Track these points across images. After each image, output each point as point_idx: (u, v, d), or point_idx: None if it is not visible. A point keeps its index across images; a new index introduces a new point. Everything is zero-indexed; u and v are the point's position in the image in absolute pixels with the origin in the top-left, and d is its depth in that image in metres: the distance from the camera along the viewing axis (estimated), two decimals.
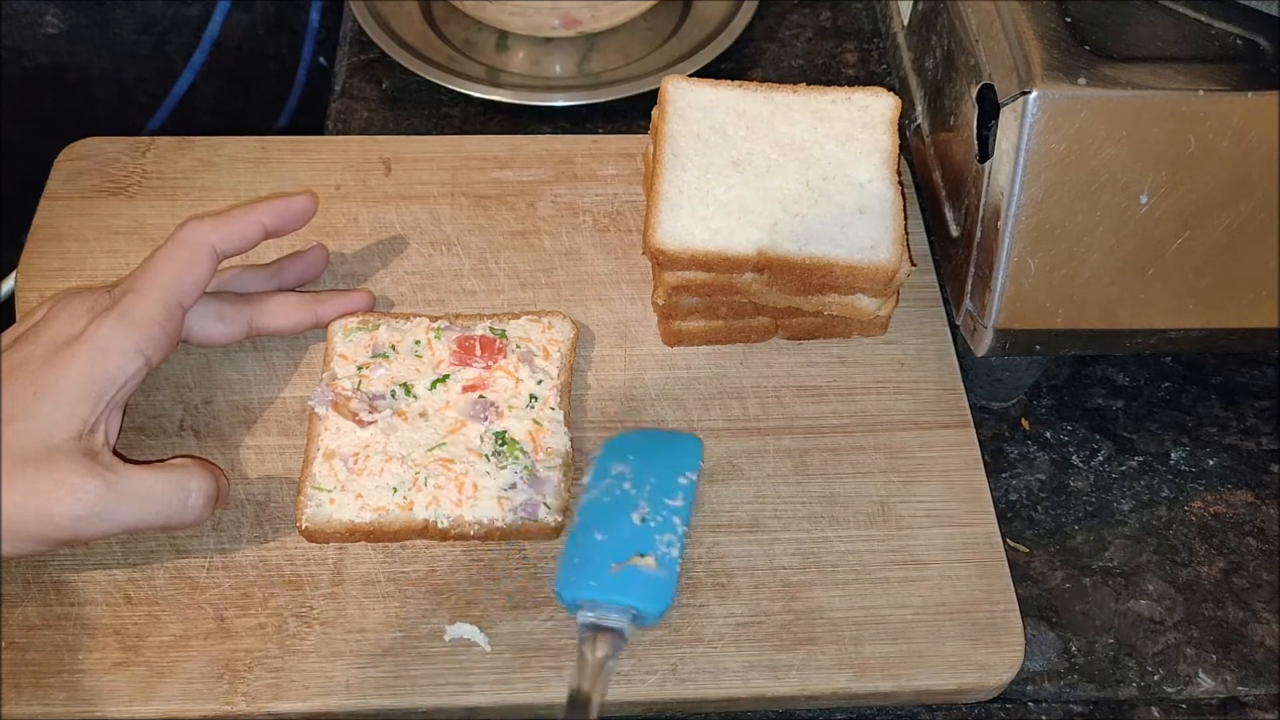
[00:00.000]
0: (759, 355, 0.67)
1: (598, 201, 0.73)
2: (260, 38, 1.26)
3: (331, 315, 0.65)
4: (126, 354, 0.55)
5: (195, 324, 0.61)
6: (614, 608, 0.55)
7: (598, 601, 0.55)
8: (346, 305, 0.66)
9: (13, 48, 1.19)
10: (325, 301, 0.66)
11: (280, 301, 0.65)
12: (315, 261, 0.68)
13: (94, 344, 0.55)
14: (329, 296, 0.66)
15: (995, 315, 0.61)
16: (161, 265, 0.58)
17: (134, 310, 0.56)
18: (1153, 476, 0.68)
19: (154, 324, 0.57)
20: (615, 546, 0.57)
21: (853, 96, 0.68)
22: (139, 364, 0.56)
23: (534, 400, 0.62)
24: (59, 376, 0.54)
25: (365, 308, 0.66)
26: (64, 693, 0.54)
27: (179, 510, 0.55)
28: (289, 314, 0.64)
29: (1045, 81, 0.55)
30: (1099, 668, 0.61)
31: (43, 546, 0.53)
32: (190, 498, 0.55)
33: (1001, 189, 0.58)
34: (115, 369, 0.55)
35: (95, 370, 0.54)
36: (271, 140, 0.75)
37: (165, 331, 0.57)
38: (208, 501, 0.56)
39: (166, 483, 0.55)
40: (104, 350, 0.55)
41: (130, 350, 0.55)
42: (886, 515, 0.62)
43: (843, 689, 0.56)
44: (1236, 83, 0.56)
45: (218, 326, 0.62)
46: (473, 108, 0.84)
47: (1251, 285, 0.61)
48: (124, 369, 0.55)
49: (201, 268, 0.59)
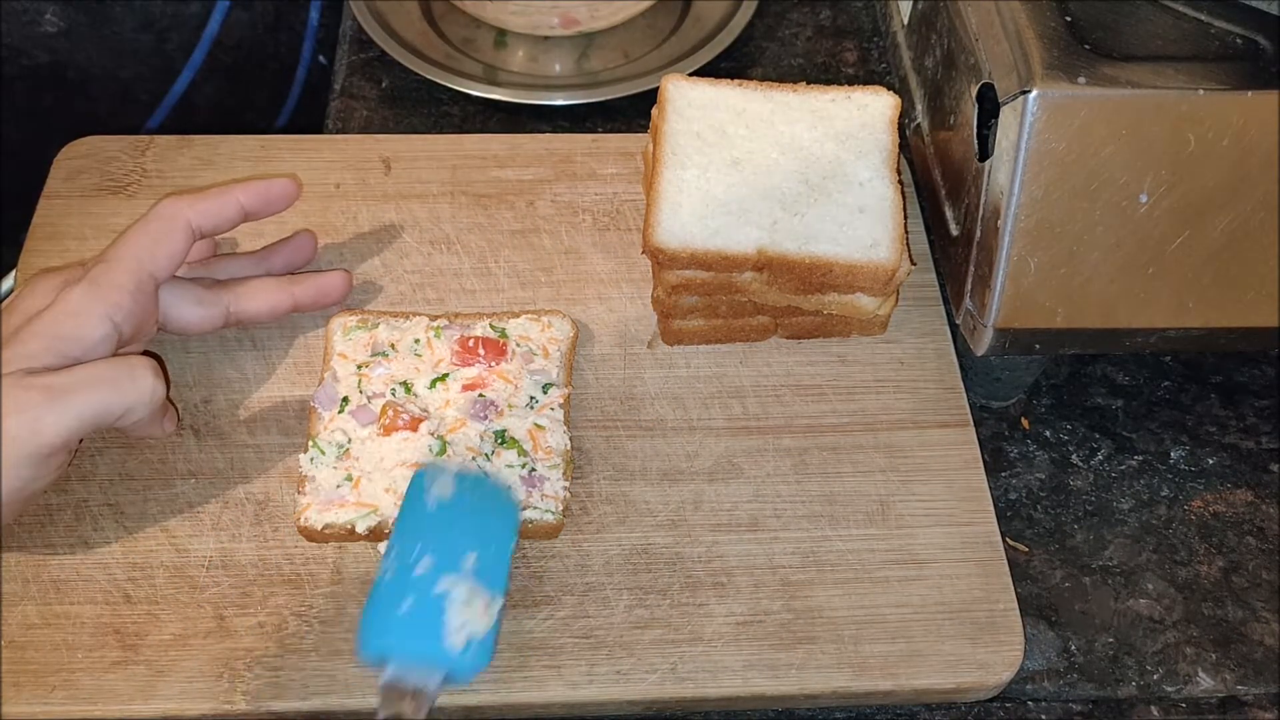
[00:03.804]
0: (759, 354, 0.67)
1: (597, 200, 0.73)
2: (260, 36, 1.25)
3: (308, 296, 0.65)
4: (93, 317, 0.55)
5: (172, 308, 0.61)
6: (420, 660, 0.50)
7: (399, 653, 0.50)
8: (322, 285, 0.65)
9: (12, 46, 1.19)
10: (301, 282, 0.65)
11: (256, 285, 0.64)
12: (301, 246, 0.68)
13: (62, 308, 0.55)
14: (305, 277, 0.66)
15: (995, 314, 0.61)
16: (134, 238, 0.59)
17: (103, 278, 0.57)
18: (1152, 475, 0.68)
19: (122, 290, 0.57)
20: None
21: (852, 95, 0.68)
22: (106, 329, 0.56)
23: (534, 400, 0.62)
24: (30, 336, 0.54)
25: (343, 287, 0.66)
26: (63, 692, 0.54)
27: (128, 383, 0.55)
28: (265, 296, 0.64)
29: (1045, 81, 0.55)
30: (1098, 667, 0.61)
31: (29, 469, 0.53)
32: (135, 371, 0.55)
33: (1001, 188, 0.58)
34: (81, 329, 0.55)
35: (60, 329, 0.55)
36: (271, 139, 0.75)
37: (135, 300, 0.57)
38: (155, 377, 0.56)
39: (108, 364, 0.55)
40: (71, 314, 0.55)
41: (97, 314, 0.56)
42: (886, 514, 0.62)
43: (842, 688, 0.56)
44: (1236, 82, 0.56)
45: (195, 310, 0.62)
46: (472, 106, 0.84)
47: (1251, 284, 0.61)
48: (89, 331, 0.55)
49: (175, 242, 0.59)
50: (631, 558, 0.60)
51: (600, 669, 0.56)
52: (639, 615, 0.58)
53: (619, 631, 0.57)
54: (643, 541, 0.60)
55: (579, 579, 0.59)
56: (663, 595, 0.58)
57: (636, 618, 0.58)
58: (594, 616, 0.58)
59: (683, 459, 0.63)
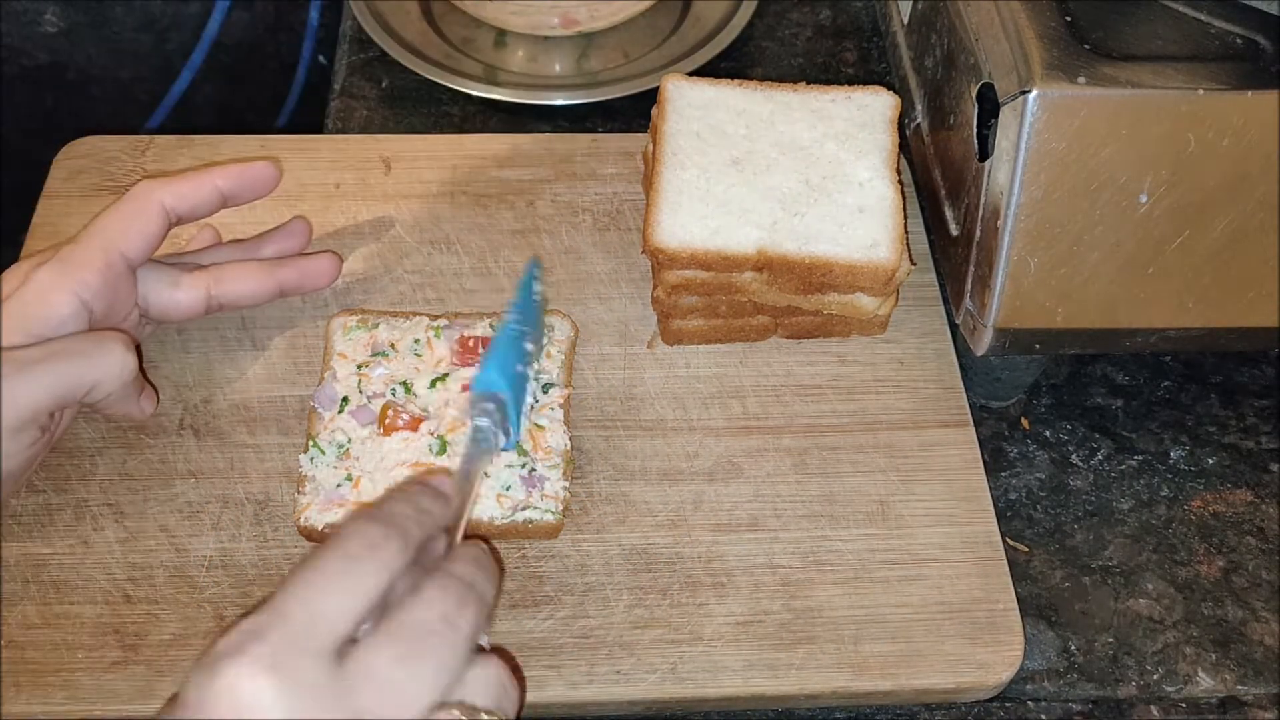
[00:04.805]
0: (759, 354, 0.67)
1: (597, 200, 0.73)
2: (260, 36, 1.26)
3: (293, 279, 0.64)
4: (60, 293, 0.55)
5: (152, 291, 0.61)
6: None
7: None
8: (308, 268, 0.65)
9: (12, 46, 1.19)
10: (287, 266, 0.64)
11: (240, 268, 0.63)
12: (293, 232, 0.67)
13: (29, 286, 0.55)
14: (290, 260, 0.65)
15: (995, 314, 0.61)
16: (106, 218, 0.59)
17: (71, 256, 0.57)
18: (1152, 475, 0.68)
19: (90, 268, 0.56)
20: None
21: (852, 95, 0.68)
22: (74, 306, 0.56)
23: (534, 400, 0.62)
24: None
25: (330, 271, 0.66)
26: (63, 691, 0.54)
27: (96, 355, 0.54)
28: (248, 279, 0.63)
29: (1045, 80, 0.55)
30: (1098, 667, 0.61)
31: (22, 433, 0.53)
32: (104, 344, 0.55)
33: (1001, 188, 0.58)
34: (48, 306, 0.55)
35: (27, 308, 0.55)
36: (271, 139, 0.75)
37: (104, 278, 0.57)
38: (124, 349, 0.55)
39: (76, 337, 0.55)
40: (38, 292, 0.55)
41: (65, 291, 0.56)
42: (886, 514, 0.62)
43: (842, 688, 0.56)
44: (1236, 82, 0.56)
45: (174, 293, 0.61)
46: (472, 106, 0.84)
47: (1251, 284, 0.61)
48: (57, 308, 0.55)
49: (148, 222, 0.59)
50: (631, 558, 0.60)
51: (600, 669, 0.56)
52: (639, 615, 0.58)
53: (619, 631, 0.57)
54: (643, 541, 0.60)
55: (579, 579, 0.59)
56: (663, 595, 0.58)
57: (636, 618, 0.58)
58: (594, 616, 0.58)
59: (683, 459, 0.63)
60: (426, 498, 0.47)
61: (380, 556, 0.43)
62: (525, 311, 0.60)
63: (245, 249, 0.66)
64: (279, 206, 0.70)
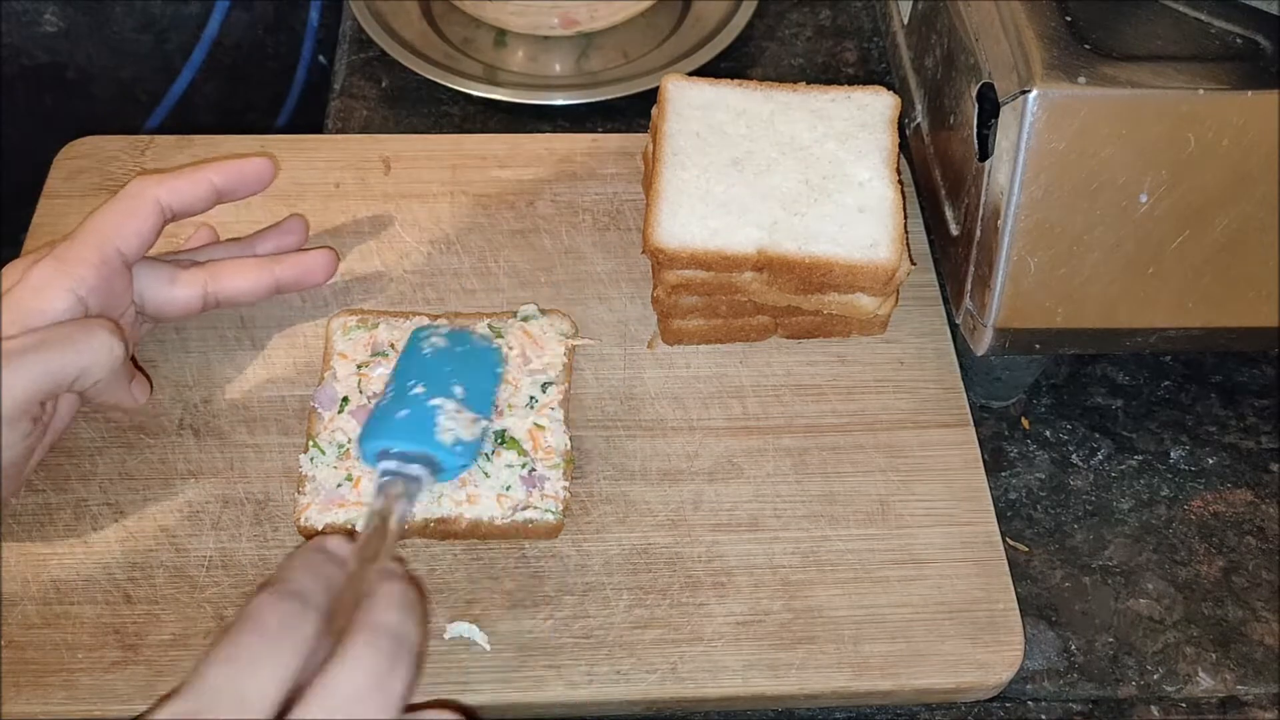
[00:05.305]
0: (759, 354, 0.67)
1: (597, 200, 0.73)
2: (260, 36, 1.26)
3: (290, 275, 0.64)
4: (56, 289, 0.55)
5: (148, 288, 0.61)
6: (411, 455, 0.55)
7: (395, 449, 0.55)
8: (306, 264, 0.65)
9: (12, 46, 1.19)
10: (283, 261, 0.64)
11: (236, 264, 0.63)
12: (290, 229, 0.67)
13: (25, 283, 0.56)
14: (287, 257, 0.65)
15: (995, 314, 0.61)
16: (101, 215, 0.59)
17: (66, 253, 0.57)
18: (1152, 475, 0.68)
19: (85, 264, 0.56)
20: None
21: (852, 95, 0.68)
22: (69, 301, 0.56)
23: (534, 399, 0.62)
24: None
25: (327, 267, 0.66)
26: (63, 691, 0.54)
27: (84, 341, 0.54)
28: (245, 276, 0.63)
29: (1045, 80, 0.55)
30: (1098, 667, 0.61)
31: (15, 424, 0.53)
32: (91, 329, 0.55)
33: (1001, 188, 0.58)
34: (43, 302, 0.55)
35: (23, 304, 0.55)
36: (271, 139, 0.75)
37: (99, 274, 0.57)
38: (112, 335, 0.55)
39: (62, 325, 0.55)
40: (34, 288, 0.55)
41: (60, 288, 0.56)
42: (886, 514, 0.62)
43: (842, 688, 0.56)
44: (1236, 82, 0.56)
45: (171, 290, 0.61)
46: (472, 106, 0.84)
47: (1251, 284, 0.61)
48: (52, 304, 0.55)
49: (142, 219, 0.59)
50: (631, 558, 0.60)
51: (600, 669, 0.56)
52: (639, 615, 0.58)
53: (619, 631, 0.57)
54: (643, 541, 0.60)
55: (579, 579, 0.59)
56: (663, 595, 0.58)
57: (636, 618, 0.58)
58: (594, 616, 0.58)
59: (683, 459, 0.63)
60: (331, 565, 0.47)
61: (299, 633, 0.42)
62: (408, 369, 0.59)
63: (242, 246, 0.66)
64: (279, 206, 0.70)
